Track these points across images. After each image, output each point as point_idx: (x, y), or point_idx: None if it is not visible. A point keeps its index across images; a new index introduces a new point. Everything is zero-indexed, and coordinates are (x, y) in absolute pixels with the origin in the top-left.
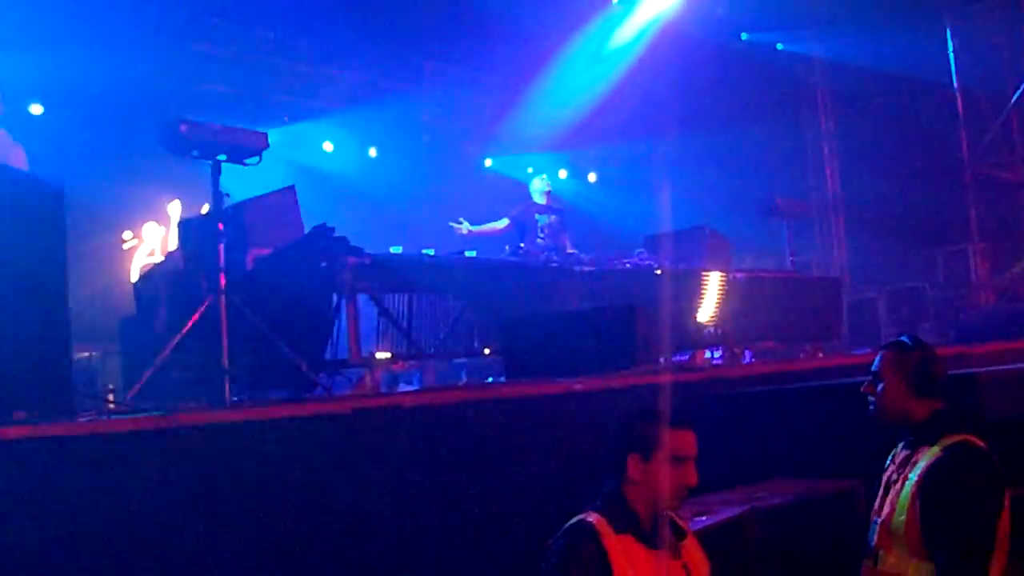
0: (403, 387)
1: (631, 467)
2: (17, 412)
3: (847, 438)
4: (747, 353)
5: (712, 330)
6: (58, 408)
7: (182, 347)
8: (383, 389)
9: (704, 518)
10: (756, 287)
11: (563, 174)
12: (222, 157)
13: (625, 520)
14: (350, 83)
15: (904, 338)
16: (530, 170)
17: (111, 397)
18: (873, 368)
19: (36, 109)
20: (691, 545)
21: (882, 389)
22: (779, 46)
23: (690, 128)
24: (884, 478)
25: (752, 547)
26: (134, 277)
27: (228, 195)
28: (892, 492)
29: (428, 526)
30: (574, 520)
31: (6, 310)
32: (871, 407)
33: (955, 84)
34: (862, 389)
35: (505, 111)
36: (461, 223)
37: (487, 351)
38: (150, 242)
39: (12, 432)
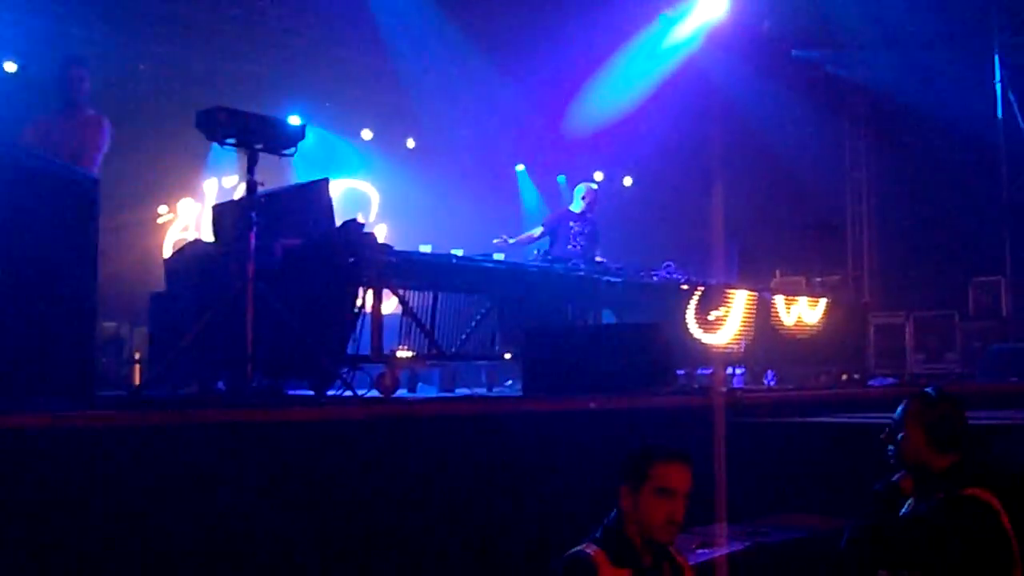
0: (422, 386)
1: (623, 498)
2: (38, 399)
3: (861, 476)
4: (769, 373)
5: (735, 348)
6: (79, 396)
7: (208, 330)
8: (403, 387)
9: (706, 551)
10: (781, 306)
11: (598, 176)
12: (258, 146)
13: (623, 553)
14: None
15: (929, 390)
16: (562, 181)
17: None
18: (895, 416)
19: None
20: None
21: (902, 439)
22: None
23: (731, 139)
24: None
25: None
26: (167, 253)
27: (262, 183)
28: None
29: (434, 539)
30: (574, 551)
31: (34, 299)
32: (890, 454)
33: (999, 114)
34: (882, 437)
35: (545, 114)
36: (502, 238)
37: (508, 355)
38: (184, 218)
39: (32, 421)
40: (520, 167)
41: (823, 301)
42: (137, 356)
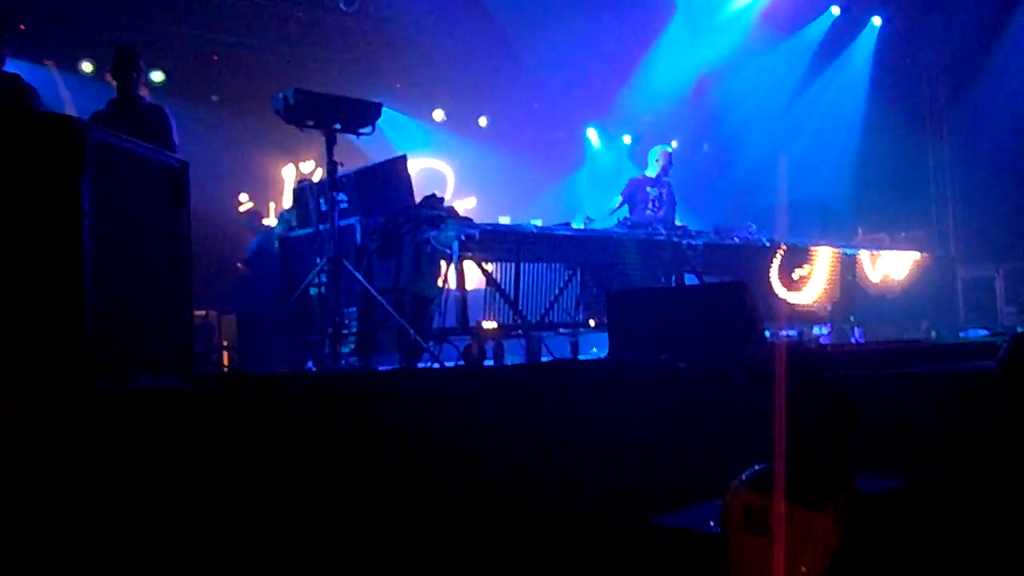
0: (508, 357)
1: None
2: (142, 379)
3: (959, 426)
4: (856, 330)
5: (821, 306)
6: (180, 375)
7: (295, 310)
8: (488, 358)
9: None
10: (865, 263)
11: (674, 144)
12: (336, 127)
13: None
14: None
15: None
16: (627, 139)
17: (225, 358)
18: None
19: (157, 76)
20: None
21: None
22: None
23: (804, 95)
24: None
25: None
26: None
27: (342, 164)
28: None
29: (526, 499)
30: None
31: (136, 277)
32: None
33: None
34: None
35: (614, 80)
36: (585, 219)
37: (592, 323)
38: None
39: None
40: (591, 131)
41: (910, 256)
42: (225, 343)
